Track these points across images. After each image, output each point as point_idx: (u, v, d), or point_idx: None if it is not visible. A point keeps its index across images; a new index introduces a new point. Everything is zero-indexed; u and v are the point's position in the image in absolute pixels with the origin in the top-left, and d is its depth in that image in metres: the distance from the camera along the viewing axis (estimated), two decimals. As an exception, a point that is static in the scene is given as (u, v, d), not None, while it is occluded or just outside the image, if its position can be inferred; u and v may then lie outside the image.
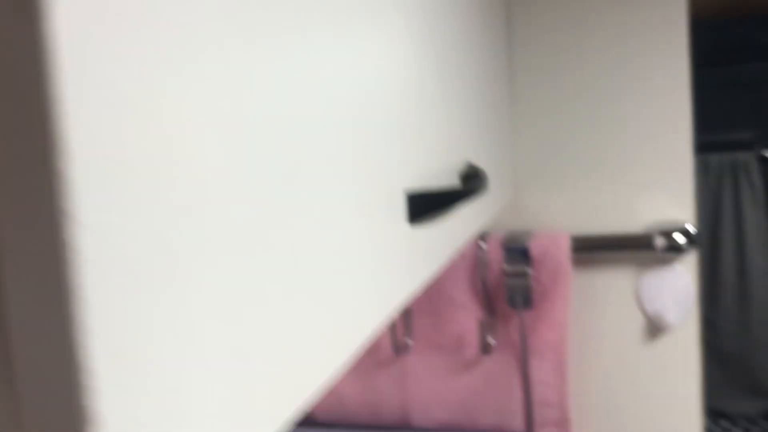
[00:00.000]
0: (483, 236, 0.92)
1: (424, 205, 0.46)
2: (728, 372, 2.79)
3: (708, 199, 2.72)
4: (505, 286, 0.90)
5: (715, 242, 2.73)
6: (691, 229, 0.83)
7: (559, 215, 0.92)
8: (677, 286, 0.88)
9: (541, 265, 0.89)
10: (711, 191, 2.71)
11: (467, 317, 0.94)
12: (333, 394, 1.01)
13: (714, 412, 2.82)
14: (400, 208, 0.43)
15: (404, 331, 0.97)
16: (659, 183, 0.88)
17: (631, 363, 0.93)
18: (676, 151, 0.87)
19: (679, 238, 0.84)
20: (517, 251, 0.88)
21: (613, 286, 0.91)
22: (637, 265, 0.90)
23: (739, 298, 2.73)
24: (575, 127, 0.89)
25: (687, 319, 0.90)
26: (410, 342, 0.97)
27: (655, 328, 0.91)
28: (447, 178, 0.54)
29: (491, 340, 0.93)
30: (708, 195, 2.72)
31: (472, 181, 0.56)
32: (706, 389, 2.82)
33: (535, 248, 0.89)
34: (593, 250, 0.88)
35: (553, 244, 0.89)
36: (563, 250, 0.88)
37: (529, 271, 0.88)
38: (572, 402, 0.95)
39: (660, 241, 0.84)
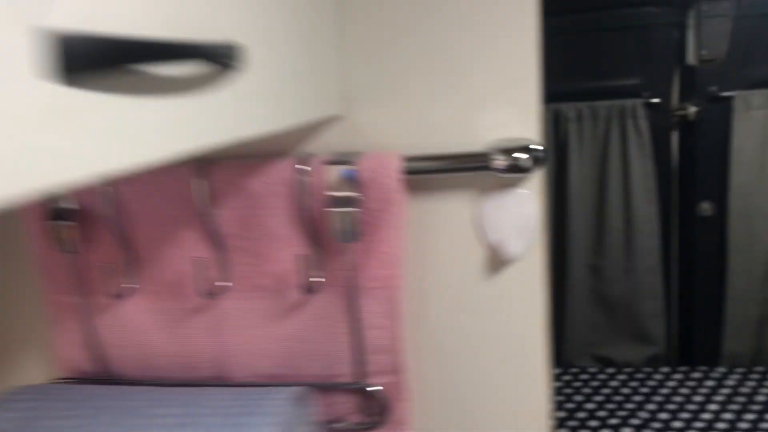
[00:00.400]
0: (305, 158, 0.79)
1: (89, 56, 0.32)
2: (614, 319, 2.82)
3: (597, 145, 2.70)
4: (330, 216, 0.78)
5: (602, 189, 2.72)
6: (536, 147, 0.72)
7: (393, 134, 0.80)
8: (520, 212, 0.79)
9: (370, 191, 0.77)
10: (599, 138, 2.69)
11: (289, 253, 0.82)
12: (138, 346, 0.87)
13: (600, 359, 2.85)
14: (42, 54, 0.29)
15: (218, 272, 0.83)
16: (502, 98, 0.78)
17: (472, 299, 0.83)
18: (521, 62, 0.77)
19: (522, 157, 0.73)
20: (343, 174, 0.76)
21: (452, 214, 0.81)
22: (478, 189, 0.79)
23: (624, 245, 2.75)
24: (409, 34, 0.77)
25: (531, 249, 0.81)
26: (226, 284, 0.84)
27: (497, 260, 0.81)
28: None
29: (316, 279, 0.81)
30: (597, 142, 2.70)
31: (206, 51, 0.43)
32: (593, 337, 2.85)
33: (362, 171, 0.77)
34: (429, 172, 0.77)
35: (381, 165, 0.77)
36: (393, 172, 0.77)
37: (357, 197, 0.76)
38: (408, 346, 0.85)
39: (500, 161, 0.73)
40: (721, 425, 2.28)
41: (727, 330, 2.72)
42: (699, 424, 2.29)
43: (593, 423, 2.36)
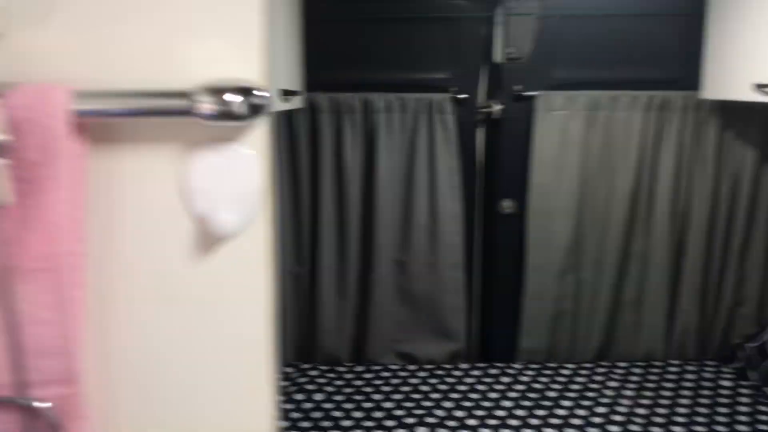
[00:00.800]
0: None
1: None
2: (418, 316, 2.78)
3: (405, 138, 2.63)
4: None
5: (410, 184, 2.66)
6: (256, 91, 0.55)
7: (65, 63, 0.60)
8: (238, 177, 0.62)
9: (26, 136, 0.56)
10: (408, 131, 2.62)
11: None
12: None
13: (403, 356, 2.79)
14: None
15: None
16: (217, 25, 0.60)
17: (177, 287, 0.65)
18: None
19: (236, 101, 0.56)
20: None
21: (149, 175, 0.62)
22: (184, 143, 0.62)
23: (429, 241, 2.71)
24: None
25: (253, 224, 0.64)
26: None
27: (208, 235, 0.64)
28: None
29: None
30: (405, 134, 2.63)
31: None
32: (397, 334, 2.78)
33: (13, 108, 0.56)
34: (113, 115, 0.58)
35: (42, 101, 0.57)
36: (59, 112, 0.56)
37: (7, 143, 0.55)
38: (89, 346, 0.65)
39: (207, 104, 0.56)
40: (513, 422, 2.28)
41: (524, 326, 2.77)
42: (492, 422, 2.28)
43: (389, 423, 2.27)
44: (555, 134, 2.60)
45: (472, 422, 2.28)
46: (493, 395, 2.47)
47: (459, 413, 2.34)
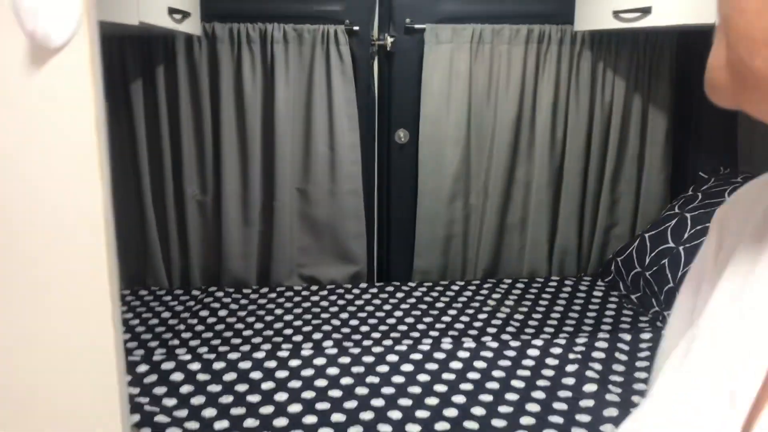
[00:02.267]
0: None
1: None
2: (321, 241, 2.94)
3: (303, 70, 2.76)
4: None
5: (309, 115, 2.80)
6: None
7: None
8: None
9: None
10: (305, 62, 2.75)
11: None
12: None
13: (307, 279, 2.96)
14: None
15: None
16: None
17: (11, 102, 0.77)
18: None
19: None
20: None
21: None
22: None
23: (330, 170, 2.87)
24: None
25: (76, 38, 0.77)
26: None
27: (38, 54, 0.77)
28: None
29: None
30: (303, 66, 2.76)
31: None
32: (301, 258, 2.95)
33: None
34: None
35: None
36: None
37: None
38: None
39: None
40: (401, 329, 2.48)
41: (418, 249, 2.97)
42: (382, 329, 2.48)
43: (296, 338, 2.44)
44: (443, 66, 2.78)
45: (364, 329, 2.47)
46: (387, 307, 2.67)
47: (353, 322, 2.53)
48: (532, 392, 1.95)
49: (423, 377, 2.03)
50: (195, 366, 2.10)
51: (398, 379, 2.02)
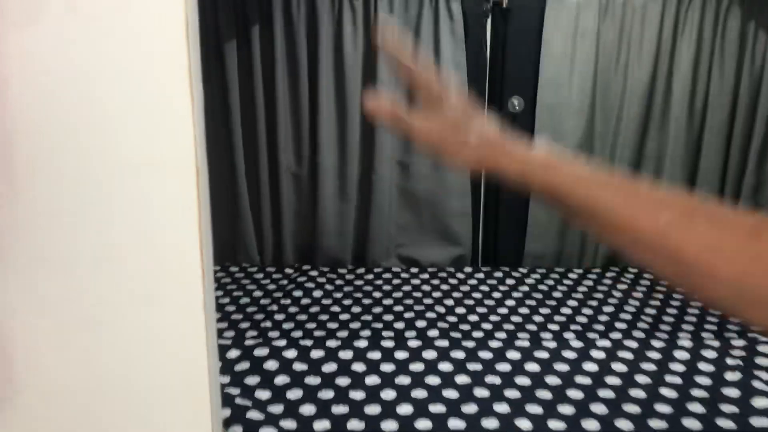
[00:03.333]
0: None
1: None
2: (421, 219, 2.69)
3: (407, 29, 2.50)
4: None
5: (414, 80, 2.54)
6: None
7: None
8: None
9: None
10: (411, 22, 2.49)
11: None
12: None
13: (406, 260, 2.72)
14: None
15: None
16: None
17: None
18: None
19: None
20: None
21: None
22: None
23: (434, 141, 2.60)
24: None
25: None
26: None
27: None
28: None
29: None
30: (407, 24, 2.50)
31: None
32: (400, 237, 2.71)
33: None
34: None
35: None
36: None
37: None
38: None
39: None
40: (513, 322, 2.21)
41: (531, 231, 2.68)
42: (492, 321, 2.21)
43: (388, 319, 2.21)
44: (567, 24, 2.46)
45: (472, 318, 2.21)
46: (496, 295, 2.40)
47: (459, 310, 2.27)
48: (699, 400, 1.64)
49: (552, 379, 1.75)
50: (290, 353, 1.89)
51: (523, 381, 1.75)
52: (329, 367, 1.81)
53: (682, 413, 1.58)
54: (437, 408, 1.62)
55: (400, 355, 1.88)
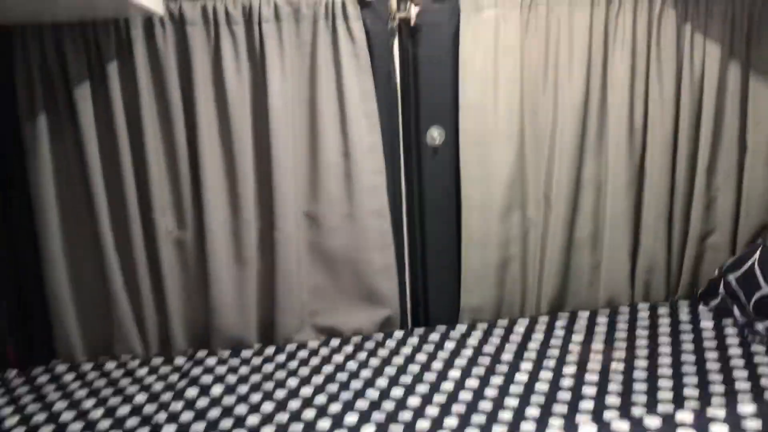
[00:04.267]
0: None
1: None
2: (338, 279, 2.26)
3: (302, 55, 2.09)
4: None
5: (313, 114, 2.13)
6: None
7: None
8: None
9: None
10: (306, 45, 2.08)
11: None
12: None
13: (324, 330, 2.27)
14: None
15: None
16: None
17: None
18: None
19: None
20: None
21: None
22: None
23: (345, 185, 2.18)
24: None
25: None
26: None
27: None
28: None
29: None
30: (302, 50, 2.09)
31: None
32: (314, 303, 2.26)
33: None
34: None
35: None
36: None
37: None
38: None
39: None
40: (464, 394, 1.80)
41: (466, 281, 2.30)
42: (438, 397, 1.80)
43: (309, 413, 1.75)
44: (485, 40, 2.13)
45: (413, 403, 1.79)
46: (437, 365, 1.99)
47: (397, 392, 1.85)
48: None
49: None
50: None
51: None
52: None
53: None
54: None
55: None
